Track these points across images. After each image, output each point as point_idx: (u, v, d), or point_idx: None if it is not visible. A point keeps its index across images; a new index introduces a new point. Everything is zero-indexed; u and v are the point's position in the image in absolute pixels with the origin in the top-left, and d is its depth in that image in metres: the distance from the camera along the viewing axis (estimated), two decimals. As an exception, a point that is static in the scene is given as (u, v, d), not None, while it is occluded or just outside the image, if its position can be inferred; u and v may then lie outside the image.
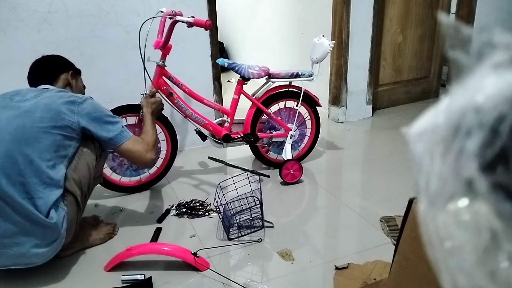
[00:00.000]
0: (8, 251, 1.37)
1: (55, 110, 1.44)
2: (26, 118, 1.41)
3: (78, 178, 1.48)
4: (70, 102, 1.48)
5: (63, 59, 1.70)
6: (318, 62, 2.08)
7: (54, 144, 1.42)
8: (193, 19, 1.75)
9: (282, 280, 1.45)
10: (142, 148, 1.60)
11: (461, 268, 0.28)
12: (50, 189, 1.39)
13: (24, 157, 1.37)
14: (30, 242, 1.38)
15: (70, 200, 1.46)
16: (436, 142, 0.29)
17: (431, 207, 0.29)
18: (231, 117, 2.10)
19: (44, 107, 1.43)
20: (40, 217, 1.35)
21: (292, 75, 2.10)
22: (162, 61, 1.92)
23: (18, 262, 1.40)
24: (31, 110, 1.43)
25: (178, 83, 2.00)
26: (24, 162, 1.37)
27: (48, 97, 1.47)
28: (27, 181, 1.36)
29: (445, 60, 3.36)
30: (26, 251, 1.38)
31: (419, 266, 0.82)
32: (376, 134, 2.83)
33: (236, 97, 2.07)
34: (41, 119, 1.41)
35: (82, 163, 1.51)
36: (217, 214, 1.82)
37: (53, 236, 1.41)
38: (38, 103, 1.44)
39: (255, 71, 2.02)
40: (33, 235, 1.38)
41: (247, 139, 2.10)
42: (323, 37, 2.07)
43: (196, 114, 2.04)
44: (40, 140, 1.40)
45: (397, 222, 1.72)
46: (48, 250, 1.41)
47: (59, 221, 1.40)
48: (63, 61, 1.70)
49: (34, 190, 1.37)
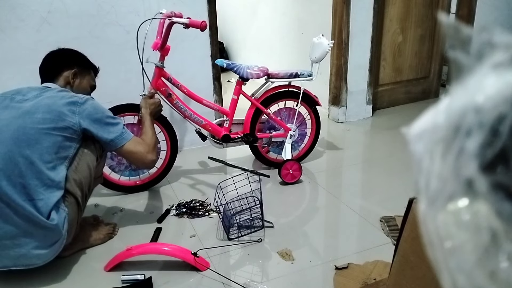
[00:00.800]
0: (9, 252, 1.37)
1: (56, 111, 1.43)
2: (27, 119, 1.40)
3: (79, 179, 1.48)
4: (71, 103, 1.47)
5: (70, 55, 1.67)
6: (317, 61, 2.08)
7: (55, 146, 1.41)
8: (189, 20, 1.75)
9: (282, 280, 1.45)
10: (143, 149, 1.60)
11: (461, 268, 0.28)
12: (50, 191, 1.39)
13: (24, 158, 1.36)
14: (31, 244, 1.38)
15: (71, 201, 1.46)
16: (436, 142, 0.29)
17: (431, 207, 0.29)
18: (230, 118, 2.09)
19: (45, 108, 1.43)
20: (41, 219, 1.35)
21: (291, 75, 2.10)
22: (160, 62, 1.92)
23: (19, 263, 1.40)
24: (31, 110, 1.42)
25: (177, 84, 2.00)
26: (24, 164, 1.36)
27: (49, 97, 1.46)
28: (27, 182, 1.36)
29: (445, 60, 3.36)
30: (27, 252, 1.38)
31: (419, 266, 0.82)
32: (376, 134, 2.83)
33: (235, 97, 2.07)
34: (42, 120, 1.41)
35: (83, 164, 1.50)
36: (217, 214, 1.82)
37: (54, 237, 1.41)
38: (39, 104, 1.43)
39: (254, 71, 2.02)
40: (34, 236, 1.37)
41: (246, 139, 2.10)
42: (323, 37, 2.07)
43: (195, 115, 2.04)
44: (40, 141, 1.39)
45: (397, 222, 1.72)
46: (49, 251, 1.41)
47: (60, 223, 1.40)
48: (69, 57, 1.66)
49: (34, 192, 1.36)
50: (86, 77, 1.70)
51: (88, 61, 1.72)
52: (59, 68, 1.62)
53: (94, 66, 1.75)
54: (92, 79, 1.74)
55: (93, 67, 1.74)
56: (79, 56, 1.69)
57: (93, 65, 1.74)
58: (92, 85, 1.74)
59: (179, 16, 1.89)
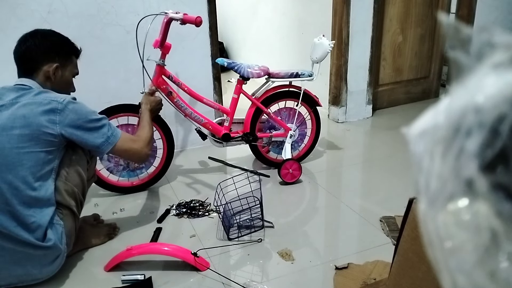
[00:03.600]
0: (12, 273, 1.35)
1: (34, 124, 1.32)
2: (4, 137, 1.30)
3: (70, 189, 1.43)
4: (50, 110, 1.34)
5: (51, 46, 1.47)
6: (318, 62, 2.08)
7: (38, 164, 1.33)
8: (184, 16, 1.76)
9: (282, 280, 1.45)
10: (136, 145, 1.55)
11: (461, 268, 0.28)
12: (41, 211, 1.34)
13: (8, 185, 1.29)
14: (33, 264, 1.37)
15: (66, 212, 1.43)
16: (436, 142, 0.29)
17: (431, 207, 0.29)
18: (231, 117, 2.10)
19: (22, 121, 1.31)
20: (37, 244, 1.32)
21: (292, 75, 2.10)
22: (161, 60, 1.92)
23: (24, 280, 1.39)
24: (8, 125, 1.30)
25: (178, 82, 2.00)
26: (9, 190, 1.29)
27: (26, 105, 1.33)
28: (16, 209, 1.29)
29: (445, 60, 3.36)
30: (31, 271, 1.37)
31: (419, 266, 0.82)
32: (376, 134, 2.83)
33: (236, 96, 2.08)
34: (20, 139, 1.30)
35: (72, 172, 1.44)
36: (217, 214, 1.82)
37: (54, 254, 1.39)
38: (15, 115, 1.31)
39: (254, 70, 2.02)
40: (34, 258, 1.36)
41: (246, 138, 2.10)
42: (324, 37, 2.07)
43: (195, 113, 2.04)
44: (22, 162, 1.30)
45: (397, 222, 1.72)
46: (52, 266, 1.41)
47: (57, 240, 1.37)
48: (49, 48, 1.46)
49: (25, 217, 1.31)
50: (68, 68, 1.53)
51: (69, 46, 1.53)
52: (38, 62, 1.45)
53: (76, 48, 1.56)
54: (74, 67, 1.56)
55: (75, 51, 1.56)
56: (60, 43, 1.50)
57: (75, 48, 1.55)
58: (75, 73, 1.57)
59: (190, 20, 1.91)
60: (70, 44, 1.54)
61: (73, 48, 1.54)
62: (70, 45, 1.53)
